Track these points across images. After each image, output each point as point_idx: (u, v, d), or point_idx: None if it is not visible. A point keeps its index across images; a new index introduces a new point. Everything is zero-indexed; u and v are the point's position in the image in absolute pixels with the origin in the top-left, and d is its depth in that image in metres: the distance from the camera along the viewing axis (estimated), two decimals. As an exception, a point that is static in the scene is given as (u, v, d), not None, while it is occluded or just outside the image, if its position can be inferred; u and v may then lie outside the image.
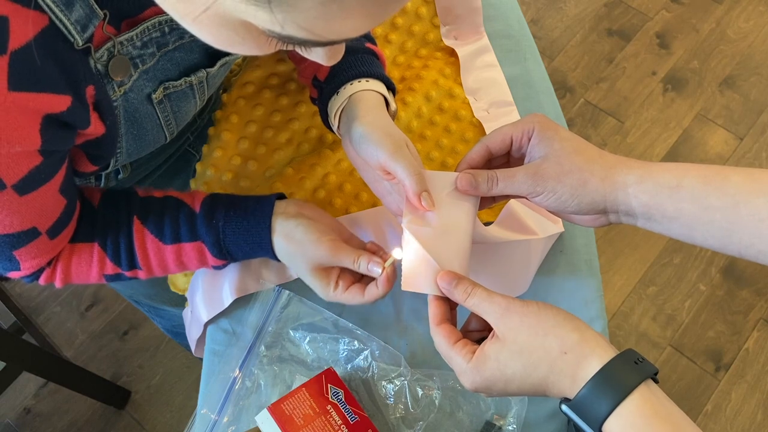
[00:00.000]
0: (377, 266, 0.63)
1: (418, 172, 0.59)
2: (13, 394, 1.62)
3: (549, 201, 0.57)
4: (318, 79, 0.71)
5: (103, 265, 0.68)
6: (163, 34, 0.60)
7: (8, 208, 0.56)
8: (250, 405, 0.72)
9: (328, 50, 0.46)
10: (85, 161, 0.65)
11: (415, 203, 0.59)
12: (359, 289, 0.65)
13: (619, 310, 1.71)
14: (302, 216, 0.67)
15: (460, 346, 0.54)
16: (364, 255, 0.63)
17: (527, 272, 0.76)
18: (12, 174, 0.53)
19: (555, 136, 0.57)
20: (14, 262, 0.63)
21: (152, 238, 0.67)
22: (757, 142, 1.92)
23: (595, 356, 0.49)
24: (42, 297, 1.74)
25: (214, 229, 0.67)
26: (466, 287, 0.55)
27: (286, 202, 0.69)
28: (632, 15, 2.13)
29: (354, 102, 0.66)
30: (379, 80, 0.69)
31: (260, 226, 0.67)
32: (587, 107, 1.99)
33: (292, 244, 0.66)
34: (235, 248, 0.68)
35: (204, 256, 0.69)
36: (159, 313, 1.16)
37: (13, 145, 0.50)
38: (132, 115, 0.63)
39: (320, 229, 0.66)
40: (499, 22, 0.95)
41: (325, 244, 0.64)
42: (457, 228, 0.59)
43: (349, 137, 0.65)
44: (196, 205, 0.68)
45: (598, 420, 0.47)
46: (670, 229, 0.54)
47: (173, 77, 0.64)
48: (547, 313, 0.52)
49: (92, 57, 0.54)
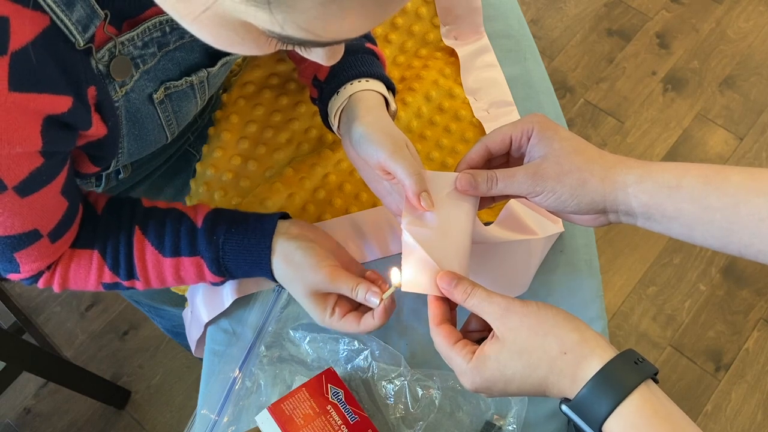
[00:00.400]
0: (375, 297, 0.62)
1: (418, 172, 0.59)
2: (13, 394, 1.62)
3: (548, 201, 0.57)
4: (318, 79, 0.71)
5: (102, 273, 0.68)
6: (164, 34, 0.60)
7: (9, 209, 0.56)
8: (250, 405, 0.72)
9: (328, 50, 0.46)
10: (86, 162, 0.65)
11: (415, 203, 0.59)
12: (355, 317, 0.64)
13: (619, 310, 1.71)
14: (303, 238, 0.67)
15: (460, 347, 0.54)
16: (362, 284, 0.62)
17: (527, 272, 0.76)
18: (13, 175, 0.53)
19: (554, 136, 0.57)
20: (14, 264, 0.63)
21: (152, 250, 0.67)
22: (757, 142, 1.92)
23: (595, 356, 0.49)
24: (42, 297, 1.74)
25: (214, 246, 0.67)
26: (466, 287, 0.55)
27: (289, 222, 0.69)
28: (632, 15, 2.13)
29: (354, 102, 0.66)
30: (379, 80, 0.69)
31: (260, 245, 0.66)
32: (587, 107, 1.99)
33: (291, 267, 0.66)
34: (234, 266, 0.68)
35: (202, 271, 0.68)
36: (159, 313, 1.16)
37: (14, 146, 0.50)
38: (133, 115, 0.63)
39: (320, 254, 0.65)
40: (499, 22, 0.95)
41: (323, 270, 0.64)
42: (457, 228, 0.59)
43: (349, 137, 0.64)
44: (199, 219, 0.68)
45: (598, 420, 0.47)
46: (670, 229, 0.54)
47: (174, 77, 0.64)
48: (546, 313, 0.52)
49: (93, 57, 0.54)
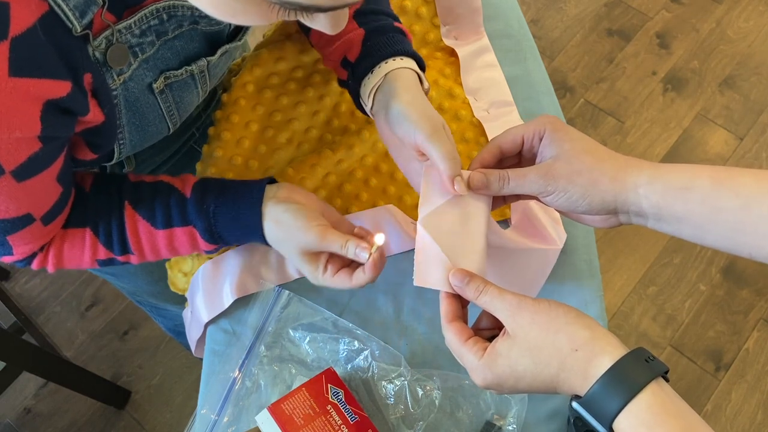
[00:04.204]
0: (364, 251, 0.63)
1: (454, 156, 0.59)
2: (13, 394, 1.62)
3: (560, 201, 0.57)
4: (348, 60, 0.71)
5: (96, 250, 0.68)
6: (162, 22, 0.60)
7: (5, 193, 0.56)
8: (250, 405, 0.72)
9: (331, 17, 0.46)
10: (84, 149, 0.65)
11: (449, 187, 0.59)
12: (347, 273, 0.65)
13: (619, 310, 1.71)
14: (292, 200, 0.67)
15: (471, 344, 0.54)
16: (351, 240, 0.63)
17: (539, 281, 0.76)
18: (11, 160, 0.53)
19: (566, 136, 0.58)
20: (7, 247, 0.64)
21: (144, 223, 0.68)
22: (757, 142, 1.92)
23: (606, 354, 0.49)
24: (42, 297, 1.75)
25: (205, 215, 0.68)
26: (478, 285, 0.55)
27: (277, 186, 0.70)
28: (632, 15, 2.13)
29: (390, 80, 0.66)
30: (411, 58, 0.69)
31: (251, 211, 0.67)
32: (587, 107, 1.99)
33: (282, 229, 0.66)
34: (227, 233, 0.69)
35: (195, 241, 0.69)
36: (161, 312, 1.16)
37: (14, 130, 0.51)
38: (133, 104, 0.64)
39: (308, 215, 0.66)
40: (499, 22, 0.95)
41: (313, 230, 0.65)
42: (471, 227, 0.60)
43: (385, 115, 0.65)
44: (187, 189, 0.69)
45: (609, 417, 0.48)
46: (680, 230, 0.54)
47: (174, 66, 0.65)
48: (558, 310, 0.52)
49: (91, 44, 0.55)
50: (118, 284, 1.06)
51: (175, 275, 0.83)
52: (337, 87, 0.86)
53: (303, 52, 0.87)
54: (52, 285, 1.76)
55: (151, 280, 1.00)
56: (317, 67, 0.87)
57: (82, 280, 1.76)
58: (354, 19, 0.71)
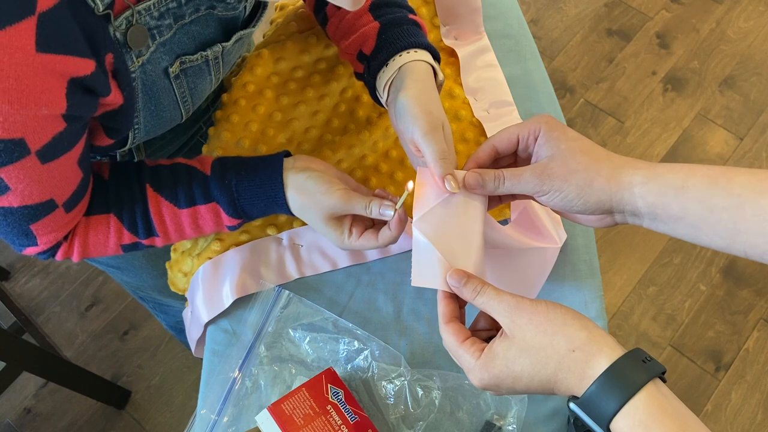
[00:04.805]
0: (389, 209, 0.64)
1: (445, 156, 0.60)
2: (13, 394, 1.62)
3: (555, 200, 0.57)
4: (364, 54, 0.72)
5: (121, 235, 0.69)
6: (180, 5, 0.61)
7: (30, 176, 0.57)
8: (250, 405, 0.72)
9: None
10: (101, 134, 0.66)
11: (440, 187, 0.60)
12: (372, 234, 0.67)
13: (619, 310, 1.71)
14: (310, 169, 0.68)
15: (469, 344, 0.54)
16: (374, 200, 0.65)
17: (539, 281, 0.76)
18: (37, 139, 0.54)
19: (562, 136, 0.58)
20: (31, 237, 0.64)
21: (167, 204, 0.69)
22: (757, 142, 1.93)
23: (603, 354, 0.49)
24: (42, 297, 1.75)
25: (227, 190, 0.69)
26: (476, 286, 0.55)
27: (294, 158, 0.71)
28: (632, 15, 2.14)
29: (404, 73, 0.67)
30: (426, 50, 0.70)
31: (273, 182, 0.68)
32: (587, 107, 1.99)
33: (305, 195, 0.67)
34: (250, 206, 0.70)
35: (219, 217, 0.70)
36: (164, 309, 1.16)
37: (41, 107, 0.51)
38: (149, 88, 0.65)
39: (329, 180, 0.67)
40: (499, 22, 0.95)
41: (336, 193, 0.66)
42: (466, 226, 0.60)
43: (394, 107, 0.66)
44: (207, 168, 0.70)
45: (606, 418, 0.48)
46: (675, 230, 0.54)
47: (190, 51, 0.66)
48: (555, 311, 0.52)
49: (112, 24, 0.56)
50: (123, 279, 1.06)
51: (175, 275, 0.83)
52: (337, 87, 0.86)
53: (303, 52, 0.87)
54: (52, 285, 1.76)
55: (157, 273, 1.01)
56: (317, 67, 0.87)
57: (81, 280, 1.77)
58: (370, 12, 0.72)
